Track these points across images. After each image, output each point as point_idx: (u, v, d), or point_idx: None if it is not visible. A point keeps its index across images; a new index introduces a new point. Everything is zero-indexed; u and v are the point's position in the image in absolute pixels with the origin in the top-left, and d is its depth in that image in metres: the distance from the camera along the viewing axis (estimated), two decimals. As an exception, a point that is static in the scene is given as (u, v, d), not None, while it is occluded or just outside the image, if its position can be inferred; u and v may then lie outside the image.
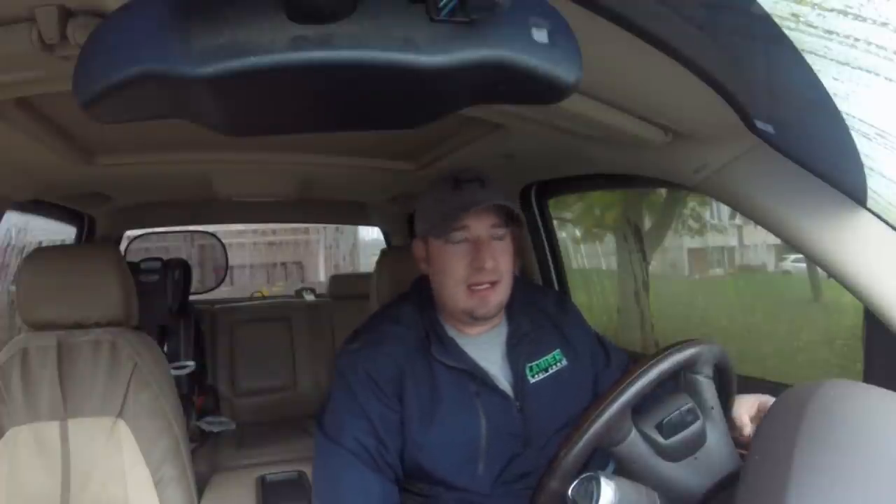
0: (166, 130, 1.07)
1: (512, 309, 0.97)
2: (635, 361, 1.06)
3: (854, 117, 0.56)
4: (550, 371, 0.95)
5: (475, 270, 0.88)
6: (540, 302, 1.03)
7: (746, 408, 0.80)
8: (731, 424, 0.79)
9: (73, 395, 1.08)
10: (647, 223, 3.57)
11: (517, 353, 0.94)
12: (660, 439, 0.69)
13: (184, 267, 2.08)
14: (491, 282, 0.89)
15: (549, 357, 0.96)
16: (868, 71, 0.50)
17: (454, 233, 0.89)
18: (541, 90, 0.43)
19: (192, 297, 2.19)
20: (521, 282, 1.00)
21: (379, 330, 0.94)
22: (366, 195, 1.97)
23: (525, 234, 1.56)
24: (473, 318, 0.91)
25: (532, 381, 0.93)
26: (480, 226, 0.89)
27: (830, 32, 0.47)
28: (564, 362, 0.96)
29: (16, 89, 0.73)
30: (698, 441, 0.71)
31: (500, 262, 0.90)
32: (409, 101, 0.46)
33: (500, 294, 0.91)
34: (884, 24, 0.45)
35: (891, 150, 0.59)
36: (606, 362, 1.02)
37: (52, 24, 0.54)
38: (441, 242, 0.90)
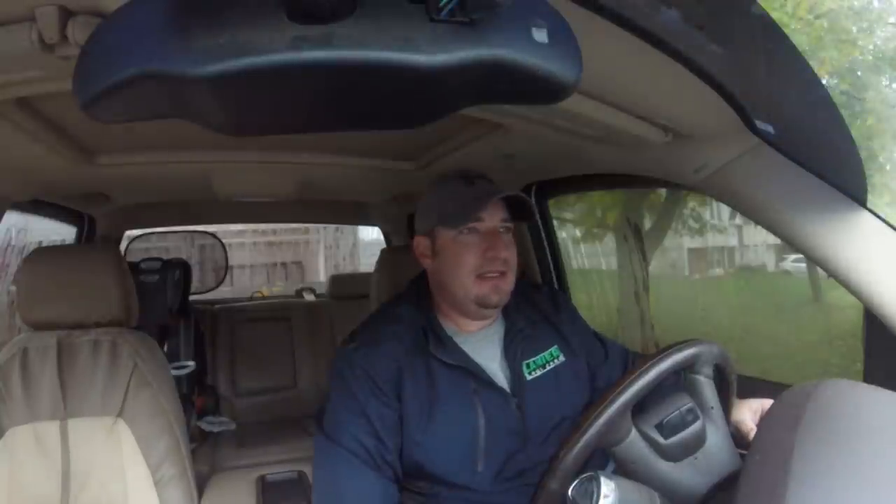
0: (166, 130, 1.07)
1: (507, 307, 0.97)
2: (634, 357, 1.07)
3: (854, 117, 0.56)
4: (548, 368, 0.95)
5: (488, 260, 0.90)
6: (535, 299, 1.04)
7: (750, 412, 0.80)
8: (735, 429, 0.79)
9: (72, 394, 1.08)
10: (647, 223, 3.57)
11: (514, 350, 0.95)
12: (660, 439, 0.69)
13: (184, 267, 2.08)
14: (501, 271, 0.91)
15: (546, 354, 0.96)
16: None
17: (470, 224, 0.91)
18: (541, 90, 0.43)
19: (192, 297, 2.19)
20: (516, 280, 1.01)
21: (376, 330, 0.95)
22: (366, 195, 1.97)
23: (525, 234, 1.57)
24: (483, 308, 0.92)
25: (529, 377, 0.93)
26: (494, 218, 0.92)
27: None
28: (562, 358, 0.97)
29: (16, 89, 0.73)
30: (698, 441, 0.71)
31: (510, 253, 0.93)
32: (409, 101, 0.46)
33: (510, 283, 0.93)
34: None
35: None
36: (604, 357, 1.03)
37: (52, 24, 0.54)
38: (454, 234, 0.92)
